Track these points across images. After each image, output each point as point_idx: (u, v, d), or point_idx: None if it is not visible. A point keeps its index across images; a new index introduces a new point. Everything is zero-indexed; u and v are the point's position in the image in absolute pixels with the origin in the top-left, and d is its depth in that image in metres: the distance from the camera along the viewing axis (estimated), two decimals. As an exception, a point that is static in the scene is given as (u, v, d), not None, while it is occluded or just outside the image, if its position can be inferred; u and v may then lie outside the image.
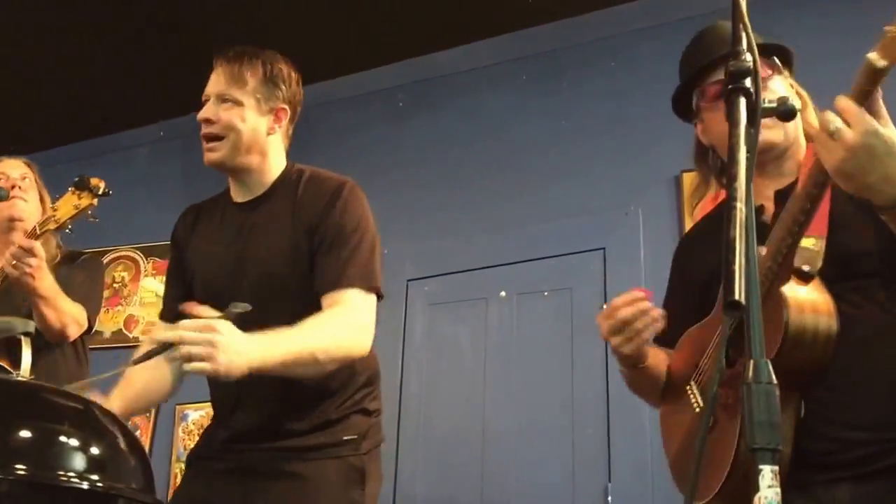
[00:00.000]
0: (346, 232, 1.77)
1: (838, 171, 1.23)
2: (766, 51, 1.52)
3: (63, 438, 1.23)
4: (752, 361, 0.85)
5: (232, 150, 1.83)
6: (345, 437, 1.78)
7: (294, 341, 1.61)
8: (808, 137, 1.54)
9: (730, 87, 0.97)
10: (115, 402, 1.75)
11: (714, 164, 1.65)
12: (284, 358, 1.58)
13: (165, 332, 1.54)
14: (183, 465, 3.93)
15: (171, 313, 1.93)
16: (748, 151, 0.93)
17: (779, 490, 0.81)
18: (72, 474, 1.17)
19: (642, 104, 3.68)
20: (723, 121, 1.41)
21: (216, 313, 1.54)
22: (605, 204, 3.58)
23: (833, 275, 1.36)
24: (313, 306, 1.73)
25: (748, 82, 0.97)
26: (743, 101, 0.96)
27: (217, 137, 1.82)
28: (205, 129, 1.83)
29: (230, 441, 1.80)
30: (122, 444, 1.30)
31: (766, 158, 1.51)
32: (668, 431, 1.61)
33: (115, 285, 4.62)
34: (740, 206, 0.87)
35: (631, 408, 3.21)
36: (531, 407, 3.46)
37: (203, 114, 1.82)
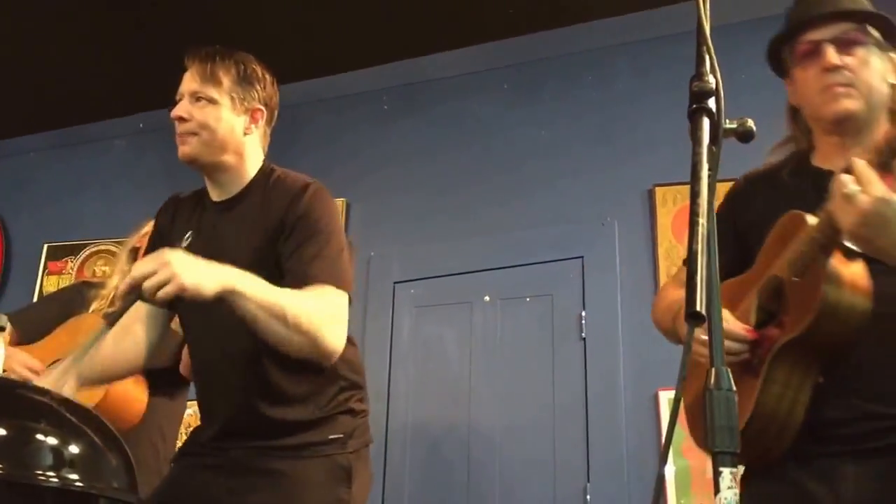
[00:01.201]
0: (313, 231, 1.75)
1: (851, 233, 1.30)
2: (859, 17, 1.54)
3: (40, 436, 1.17)
4: (713, 370, 0.90)
5: (206, 146, 1.81)
6: (331, 436, 1.78)
7: (268, 290, 1.60)
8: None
9: (693, 107, 1.00)
10: (87, 370, 1.73)
11: (802, 124, 1.65)
12: (255, 295, 1.57)
13: (123, 284, 1.53)
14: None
15: None
16: (710, 169, 0.95)
17: (737, 491, 0.86)
18: (50, 473, 1.13)
19: (619, 118, 3.78)
20: (809, 80, 1.51)
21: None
22: (584, 214, 3.67)
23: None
24: None
25: (711, 103, 1.00)
26: (706, 122, 0.99)
27: (191, 134, 1.81)
28: (179, 128, 1.81)
29: (216, 439, 1.80)
30: (103, 443, 1.25)
31: (843, 129, 1.54)
32: (691, 372, 1.61)
33: (94, 280, 4.55)
34: (702, 221, 0.90)
35: (609, 410, 3.34)
36: (514, 408, 3.54)
37: (176, 111, 1.81)
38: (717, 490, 0.85)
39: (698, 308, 0.85)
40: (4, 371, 2.06)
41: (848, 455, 1.37)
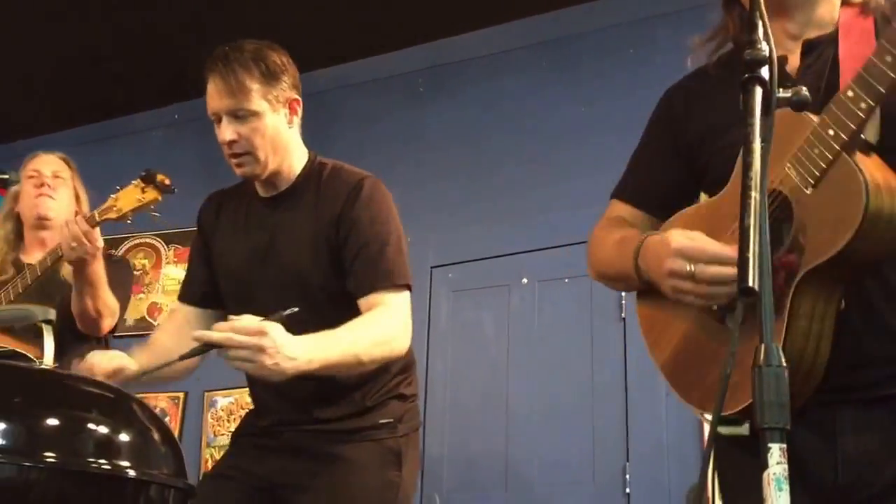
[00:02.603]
0: (373, 230, 1.78)
1: None
2: None
3: (92, 426, 1.21)
4: (763, 346, 0.88)
5: (262, 160, 1.81)
6: (381, 421, 1.81)
7: (340, 344, 1.63)
8: None
9: (745, 76, 0.96)
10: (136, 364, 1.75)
11: (739, 14, 1.43)
12: (329, 361, 1.61)
13: (215, 334, 1.53)
14: (213, 451, 4.01)
15: (192, 295, 1.96)
16: (763, 141, 0.92)
17: (786, 466, 0.84)
18: (102, 461, 1.15)
19: (660, 92, 3.65)
20: None
21: (257, 320, 1.54)
22: (624, 193, 3.61)
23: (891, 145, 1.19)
24: (335, 299, 1.76)
25: (764, 71, 0.95)
26: (759, 91, 0.95)
27: (245, 153, 1.80)
28: (230, 150, 1.80)
29: (270, 426, 1.85)
30: (152, 431, 1.29)
31: (786, 5, 1.33)
32: (656, 326, 1.42)
33: (136, 273, 4.56)
34: (755, 195, 0.88)
35: (648, 390, 3.31)
36: (553, 390, 3.55)
37: (223, 135, 1.78)
38: (765, 465, 0.84)
39: (751, 284, 0.83)
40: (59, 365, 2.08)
41: (849, 404, 1.20)
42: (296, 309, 1.55)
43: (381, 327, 1.71)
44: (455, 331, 3.84)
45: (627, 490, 3.29)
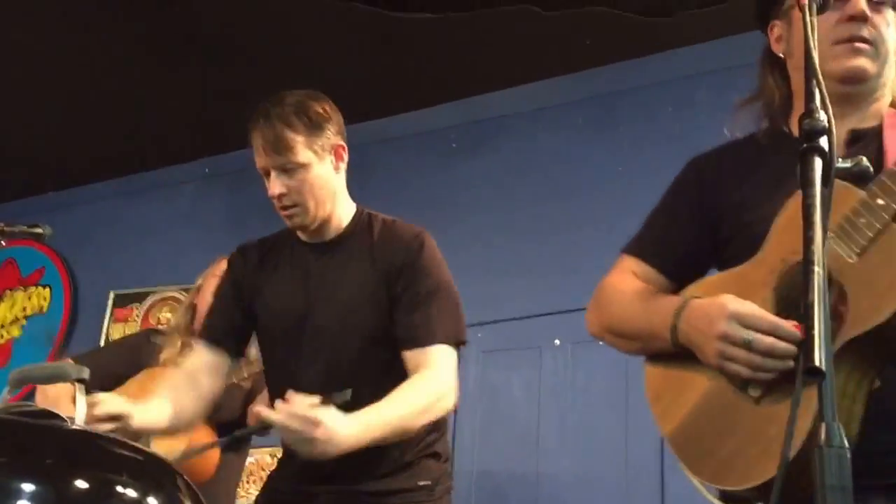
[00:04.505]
0: (432, 285, 1.82)
1: None
2: None
3: (120, 489, 1.16)
4: (823, 425, 0.85)
5: (312, 211, 1.85)
6: (420, 483, 1.82)
7: (390, 423, 1.67)
8: None
9: (804, 146, 0.93)
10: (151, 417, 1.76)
11: (779, 80, 1.45)
12: (377, 439, 1.66)
13: (274, 415, 1.58)
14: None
15: (213, 335, 1.94)
16: (823, 213, 0.90)
17: None
18: None
19: (700, 150, 3.65)
20: (822, 27, 1.17)
21: (316, 401, 1.59)
22: (661, 253, 3.59)
23: None
24: (384, 346, 1.80)
25: (823, 141, 0.93)
26: (818, 162, 0.92)
27: (294, 206, 1.84)
28: (279, 203, 1.85)
29: (302, 483, 1.83)
30: (181, 494, 1.23)
31: (848, 91, 1.34)
32: (666, 394, 1.38)
33: (160, 327, 4.61)
34: (818, 269, 0.87)
35: None
36: (585, 458, 3.48)
37: (273, 191, 1.83)
38: None
39: (817, 364, 0.80)
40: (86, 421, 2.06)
41: (880, 490, 1.17)
42: (349, 392, 1.62)
43: (430, 394, 1.74)
44: (484, 394, 3.78)
45: (665, 567, 3.18)
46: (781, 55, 1.45)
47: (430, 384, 1.74)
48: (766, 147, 1.44)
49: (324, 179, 1.84)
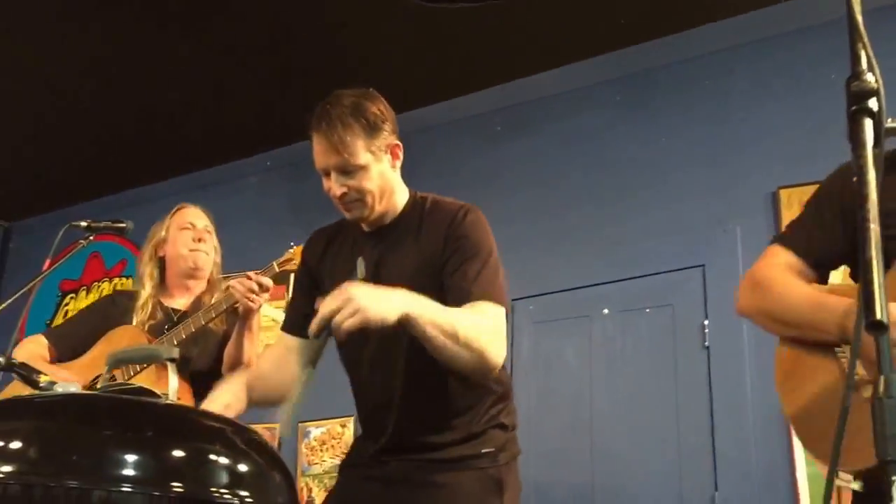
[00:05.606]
0: (473, 251, 1.83)
1: None
2: None
3: (213, 457, 1.27)
4: (883, 378, 0.87)
5: (371, 206, 1.89)
6: (483, 450, 1.86)
7: (440, 310, 1.68)
8: None
9: (853, 108, 0.96)
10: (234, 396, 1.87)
11: None
12: (433, 318, 1.65)
13: (317, 320, 1.62)
14: (308, 480, 4.17)
15: (293, 325, 2.03)
16: (876, 171, 0.93)
17: None
18: (224, 491, 1.23)
19: (738, 121, 3.71)
20: None
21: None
22: (704, 221, 3.64)
23: None
24: None
25: (872, 102, 0.96)
26: (868, 122, 0.95)
27: (355, 201, 1.88)
28: (341, 199, 1.88)
29: (377, 453, 1.91)
30: (268, 462, 1.36)
31: None
32: (794, 376, 1.49)
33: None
34: (874, 226, 0.88)
35: (735, 419, 3.31)
36: (637, 420, 3.55)
37: (334, 190, 1.86)
38: (889, 499, 0.82)
39: (879, 317, 0.83)
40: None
41: None
42: (360, 261, 1.76)
43: (480, 320, 1.74)
44: (538, 363, 3.86)
45: (717, 520, 3.26)
46: None
47: (482, 316, 1.74)
48: None
49: (381, 177, 1.86)
